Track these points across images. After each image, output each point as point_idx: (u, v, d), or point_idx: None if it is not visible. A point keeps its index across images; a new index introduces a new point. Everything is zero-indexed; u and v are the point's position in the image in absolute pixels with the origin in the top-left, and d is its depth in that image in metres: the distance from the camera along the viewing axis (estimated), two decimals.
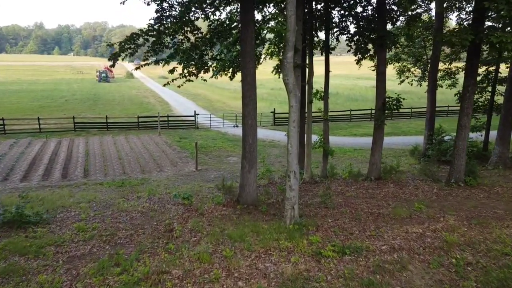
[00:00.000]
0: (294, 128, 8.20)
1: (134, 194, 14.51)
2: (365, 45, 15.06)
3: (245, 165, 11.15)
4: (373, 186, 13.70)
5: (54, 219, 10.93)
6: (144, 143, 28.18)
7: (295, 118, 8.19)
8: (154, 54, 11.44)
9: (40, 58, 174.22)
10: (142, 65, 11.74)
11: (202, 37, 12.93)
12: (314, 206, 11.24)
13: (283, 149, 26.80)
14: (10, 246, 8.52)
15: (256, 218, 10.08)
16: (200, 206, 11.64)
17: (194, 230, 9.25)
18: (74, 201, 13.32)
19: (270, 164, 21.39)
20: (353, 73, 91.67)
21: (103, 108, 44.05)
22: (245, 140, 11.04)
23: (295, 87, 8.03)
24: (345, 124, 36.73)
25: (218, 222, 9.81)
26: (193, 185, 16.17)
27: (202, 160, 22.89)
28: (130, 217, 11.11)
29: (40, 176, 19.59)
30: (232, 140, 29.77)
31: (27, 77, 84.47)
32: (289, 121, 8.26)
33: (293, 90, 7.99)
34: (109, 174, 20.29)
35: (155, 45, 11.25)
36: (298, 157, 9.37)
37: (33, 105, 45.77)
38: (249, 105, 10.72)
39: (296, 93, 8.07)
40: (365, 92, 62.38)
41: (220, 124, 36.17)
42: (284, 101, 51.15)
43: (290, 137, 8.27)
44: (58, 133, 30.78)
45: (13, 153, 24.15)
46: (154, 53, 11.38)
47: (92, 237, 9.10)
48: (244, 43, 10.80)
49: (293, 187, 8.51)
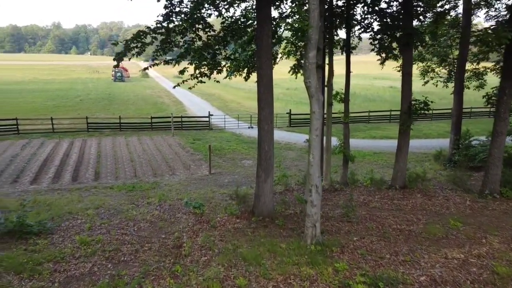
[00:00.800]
0: (317, 137, 7.30)
1: (145, 199, 13.86)
2: (390, 43, 14.03)
3: (261, 174, 10.29)
4: (398, 196, 12.69)
5: (58, 228, 10.32)
6: (157, 144, 27.59)
7: (318, 126, 7.29)
8: (163, 54, 10.67)
9: (57, 57, 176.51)
10: (151, 66, 11.00)
11: (215, 36, 12.11)
12: (336, 219, 10.32)
13: (299, 152, 25.88)
14: (6, 261, 7.86)
15: (272, 233, 9.22)
16: (212, 217, 10.84)
17: (204, 247, 8.43)
18: (82, 207, 12.72)
19: (286, 168, 20.50)
20: (370, 72, 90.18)
21: (118, 108, 43.74)
22: (261, 146, 10.18)
23: (318, 90, 7.14)
24: (363, 126, 35.56)
25: (231, 237, 8.97)
26: (206, 191, 15.42)
27: (215, 163, 22.14)
28: (137, 227, 10.40)
29: (50, 179, 19.12)
30: (247, 142, 28.96)
31: (43, 77, 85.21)
32: (311, 128, 7.37)
33: (316, 94, 7.10)
34: (120, 177, 19.71)
35: (164, 43, 10.47)
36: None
37: (48, 104, 45.76)
38: (265, 109, 9.86)
39: (318, 97, 7.18)
40: (382, 93, 60.93)
41: (235, 125, 35.40)
42: (300, 101, 50.48)
43: (311, 146, 7.38)
44: (71, 134, 30.44)
45: (25, 154, 23.80)
46: (163, 52, 10.60)
47: (95, 253, 8.37)
48: (260, 42, 9.95)
49: (314, 202, 7.62)
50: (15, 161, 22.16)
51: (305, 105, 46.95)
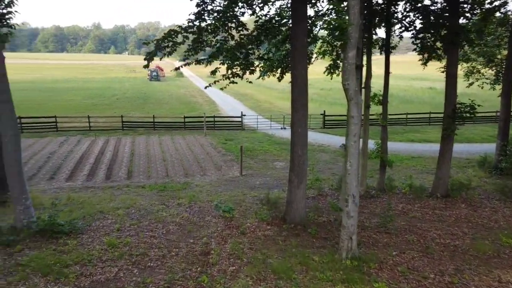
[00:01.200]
0: (355, 143, 6.77)
1: (175, 200, 13.71)
2: (433, 43, 13.19)
3: (293, 179, 9.83)
4: (440, 205, 11.87)
5: (88, 228, 10.29)
6: (189, 144, 27.61)
7: (356, 131, 6.76)
8: (194, 53, 10.40)
9: (96, 57, 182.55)
10: (182, 66, 10.77)
11: (248, 35, 11.74)
12: (373, 229, 9.71)
13: (333, 155, 25.16)
14: (35, 262, 7.83)
15: (304, 243, 8.74)
16: (242, 222, 10.49)
17: (233, 255, 8.08)
18: (113, 206, 12.72)
19: (319, 171, 19.91)
20: (408, 73, 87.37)
21: (152, 107, 44.36)
22: (294, 150, 9.72)
23: (357, 93, 6.61)
24: (400, 129, 34.21)
25: (261, 246, 8.58)
26: (237, 193, 15.10)
27: (247, 164, 21.82)
28: (166, 230, 10.21)
29: (85, 176, 19.41)
30: (279, 143, 28.49)
31: (83, 75, 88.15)
32: (348, 134, 6.84)
33: (355, 97, 6.57)
34: (152, 176, 19.75)
35: (195, 43, 10.20)
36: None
37: (86, 103, 47.08)
38: (299, 111, 9.39)
39: (357, 101, 6.65)
40: (421, 94, 58.73)
41: (267, 125, 34.99)
42: (335, 102, 49.43)
43: (349, 153, 6.86)
44: (107, 132, 31.02)
45: (62, 151, 24.39)
46: (195, 52, 10.33)
47: (122, 256, 8.21)
48: (294, 42, 9.49)
49: (351, 214, 7.09)
50: (53, 158, 22.72)
51: (339, 106, 45.95)
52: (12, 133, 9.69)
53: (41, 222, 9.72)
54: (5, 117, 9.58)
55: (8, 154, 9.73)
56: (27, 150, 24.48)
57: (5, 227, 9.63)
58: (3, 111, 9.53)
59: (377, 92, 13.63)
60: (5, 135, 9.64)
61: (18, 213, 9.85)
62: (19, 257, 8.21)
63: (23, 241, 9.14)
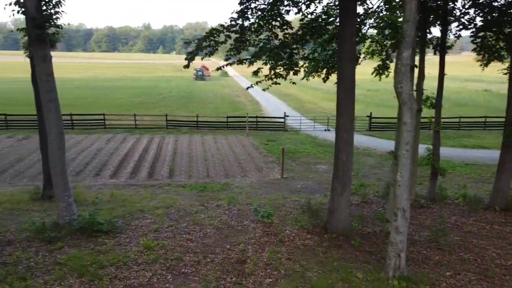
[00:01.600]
0: (407, 152, 6.14)
1: (214, 201, 13.54)
2: (496, 42, 12.08)
3: (337, 187, 9.27)
4: (499, 220, 10.83)
5: (127, 228, 10.29)
6: (231, 144, 27.55)
7: (409, 140, 6.12)
8: (236, 53, 10.09)
9: (145, 56, 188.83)
10: (223, 66, 10.50)
11: (293, 34, 11.27)
12: (422, 244, 8.95)
13: (379, 159, 24.12)
14: (73, 261, 7.84)
15: (347, 256, 8.17)
16: (281, 228, 10.07)
17: (270, 265, 7.68)
18: (153, 205, 12.74)
19: (364, 176, 19.09)
20: (461, 74, 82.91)
21: (196, 107, 44.91)
22: (338, 157, 9.15)
23: (411, 97, 5.98)
24: (453, 133, 32.33)
25: (300, 256, 8.11)
26: (277, 196, 14.70)
27: (288, 166, 21.35)
28: (203, 233, 9.99)
29: (129, 174, 19.80)
30: (322, 146, 27.75)
31: (132, 74, 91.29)
32: (400, 142, 6.22)
33: (408, 101, 5.95)
34: (193, 176, 19.81)
35: (237, 42, 9.88)
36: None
37: (134, 101, 48.51)
38: (344, 115, 8.82)
39: (411, 106, 6.02)
40: (475, 96, 55.44)
41: (311, 126, 34.28)
42: (382, 103, 47.71)
43: (400, 163, 6.24)
44: (151, 130, 31.66)
45: (109, 148, 25.11)
46: (237, 51, 10.02)
47: (157, 260, 8.05)
48: (342, 41, 8.93)
49: (400, 229, 6.46)
50: (99, 154, 23.42)
51: (386, 108, 44.23)
52: (57, 132, 9.84)
53: (82, 220, 9.82)
54: (51, 116, 9.74)
55: (52, 152, 9.90)
56: (76, 146, 25.45)
57: (48, 223, 9.81)
58: (49, 110, 9.70)
59: (429, 94, 12.72)
60: (50, 133, 9.81)
61: (61, 210, 10.02)
62: (59, 255, 8.28)
63: (64, 238, 9.26)
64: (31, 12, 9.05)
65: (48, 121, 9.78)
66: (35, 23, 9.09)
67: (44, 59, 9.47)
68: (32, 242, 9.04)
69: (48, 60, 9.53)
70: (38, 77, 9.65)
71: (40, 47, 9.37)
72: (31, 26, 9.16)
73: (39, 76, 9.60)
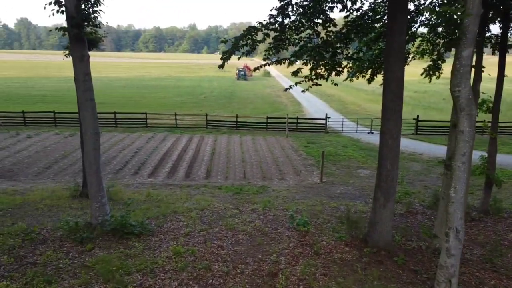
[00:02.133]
0: (463, 165, 5.35)
1: (249, 205, 13.14)
2: None
3: (379, 197, 8.53)
4: None
5: (159, 230, 10.08)
6: (269, 145, 27.07)
7: (466, 150, 5.33)
8: (276, 52, 9.57)
9: (190, 56, 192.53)
10: (261, 66, 10.01)
11: (337, 32, 10.60)
12: (475, 264, 8.03)
13: (425, 164, 22.77)
14: (100, 265, 7.66)
15: (389, 275, 7.43)
16: (317, 238, 9.46)
17: (303, 281, 7.11)
18: (188, 207, 12.52)
19: (409, 183, 17.97)
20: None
21: (236, 106, 44.85)
22: (382, 165, 8.41)
23: (471, 102, 5.20)
24: (509, 139, 30.07)
25: (336, 273, 7.48)
26: (315, 202, 14.05)
27: (328, 170, 20.57)
28: (235, 239, 9.58)
29: (166, 173, 19.83)
30: (364, 149, 26.64)
31: (176, 74, 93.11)
32: (455, 152, 5.44)
33: (467, 106, 5.17)
34: (230, 177, 19.53)
35: (276, 41, 9.36)
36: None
37: (177, 100, 49.24)
38: (391, 120, 8.07)
39: (471, 112, 5.22)
40: None
41: (353, 129, 33.11)
42: (429, 106, 45.45)
43: (455, 176, 5.46)
44: (191, 130, 31.81)
45: (149, 147, 25.40)
46: (276, 50, 9.49)
47: (184, 268, 7.70)
48: (390, 39, 8.18)
49: (452, 251, 5.68)
50: (139, 153, 23.72)
51: (434, 111, 42.07)
52: (93, 132, 9.78)
53: (114, 221, 9.69)
54: (88, 115, 9.68)
55: (88, 152, 9.86)
56: (118, 144, 25.97)
57: (81, 223, 9.77)
58: (86, 109, 9.65)
59: (486, 97, 11.61)
60: (85, 133, 9.76)
61: (94, 210, 9.95)
62: (88, 257, 8.14)
63: (96, 239, 9.16)
64: (70, 11, 9.01)
65: (84, 121, 9.73)
66: (73, 22, 9.04)
67: (82, 59, 9.42)
68: (64, 242, 9.00)
69: (85, 60, 9.47)
70: (75, 76, 9.62)
71: (78, 46, 9.32)
72: (70, 26, 9.13)
73: (77, 76, 9.57)
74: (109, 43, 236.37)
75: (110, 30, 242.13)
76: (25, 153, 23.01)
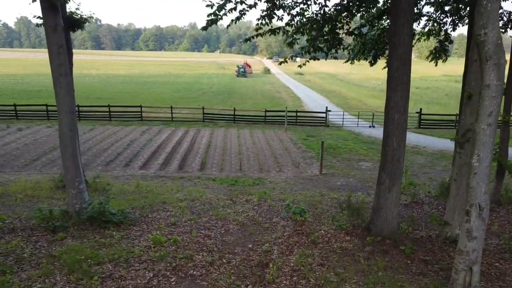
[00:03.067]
0: (489, 127, 4.37)
1: (244, 196, 12.25)
2: None
3: (384, 180, 7.61)
4: None
5: (142, 220, 9.20)
6: (268, 138, 26.15)
7: (493, 108, 4.28)
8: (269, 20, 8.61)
9: (190, 55, 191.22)
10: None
11: (336, 4, 9.71)
12: (493, 254, 7.12)
13: (429, 157, 21.82)
14: (68, 254, 6.75)
15: (395, 265, 6.50)
16: (315, 228, 8.56)
17: (297, 272, 6.18)
18: (178, 198, 11.63)
19: (413, 175, 17.00)
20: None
21: (235, 102, 43.92)
22: (387, 143, 7.49)
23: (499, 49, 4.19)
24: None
25: (335, 263, 6.55)
26: (314, 193, 13.14)
27: (328, 163, 19.65)
28: (225, 229, 8.69)
29: (159, 165, 18.93)
30: (366, 142, 25.69)
31: (176, 72, 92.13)
32: (480, 112, 4.43)
33: (495, 54, 4.16)
34: (225, 169, 18.61)
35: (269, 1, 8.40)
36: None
37: (174, 96, 48.30)
38: (397, 91, 7.14)
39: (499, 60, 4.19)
40: None
41: (354, 123, 32.15)
42: (432, 101, 44.56)
43: (478, 141, 4.47)
44: (188, 123, 30.90)
45: (142, 139, 24.49)
46: (269, 18, 8.55)
47: (163, 258, 6.79)
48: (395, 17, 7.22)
49: (474, 233, 4.74)
50: (132, 145, 22.80)
51: (437, 106, 41.16)
52: (69, 110, 8.89)
53: (91, 209, 8.80)
54: (62, 92, 8.79)
55: (63, 133, 8.95)
56: (111, 137, 25.05)
57: (56, 211, 8.85)
58: (60, 86, 8.75)
59: None
60: (60, 112, 8.86)
61: (71, 197, 9.06)
62: (58, 246, 7.25)
63: (70, 228, 8.30)
64: None
65: (58, 98, 8.82)
66: None
67: (55, 29, 8.51)
68: (35, 231, 8.13)
69: (59, 30, 8.56)
70: (48, 49, 8.70)
71: (51, 14, 8.43)
72: None
73: (50, 48, 8.65)
74: (109, 41, 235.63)
75: (110, 29, 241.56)
76: (14, 145, 22.11)
